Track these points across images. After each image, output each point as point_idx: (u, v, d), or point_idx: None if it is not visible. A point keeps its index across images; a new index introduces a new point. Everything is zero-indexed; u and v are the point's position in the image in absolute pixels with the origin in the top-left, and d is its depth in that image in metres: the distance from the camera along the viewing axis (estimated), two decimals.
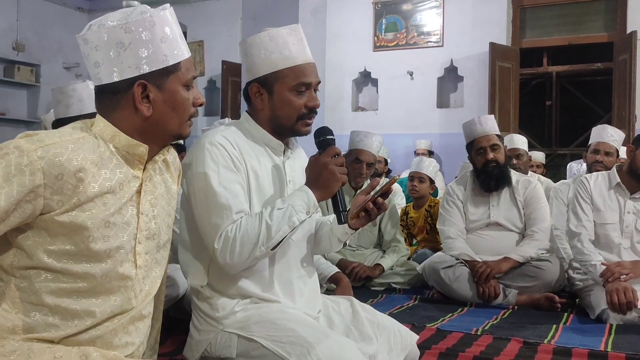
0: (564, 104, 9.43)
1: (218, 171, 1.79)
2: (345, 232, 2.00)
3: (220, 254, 1.75)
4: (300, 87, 1.89)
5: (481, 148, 3.65)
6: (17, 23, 8.92)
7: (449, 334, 2.78)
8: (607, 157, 4.09)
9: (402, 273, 4.01)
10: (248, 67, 1.94)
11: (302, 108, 1.90)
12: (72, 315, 1.39)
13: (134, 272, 1.47)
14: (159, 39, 1.43)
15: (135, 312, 1.49)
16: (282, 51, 1.88)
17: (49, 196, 1.32)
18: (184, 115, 1.51)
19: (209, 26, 9.20)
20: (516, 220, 3.69)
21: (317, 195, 1.83)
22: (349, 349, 1.74)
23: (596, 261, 3.19)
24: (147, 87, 1.43)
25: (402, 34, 8.47)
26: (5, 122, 8.83)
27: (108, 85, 1.43)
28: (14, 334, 1.37)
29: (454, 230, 3.71)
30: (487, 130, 3.66)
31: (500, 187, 3.68)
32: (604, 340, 2.74)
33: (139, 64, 1.41)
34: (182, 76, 1.48)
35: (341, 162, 1.85)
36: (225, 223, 1.76)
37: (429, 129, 8.23)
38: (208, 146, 1.82)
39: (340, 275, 3.26)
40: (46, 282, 1.37)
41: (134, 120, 1.45)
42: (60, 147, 1.34)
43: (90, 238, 1.37)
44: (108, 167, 1.41)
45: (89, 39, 1.43)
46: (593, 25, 7.87)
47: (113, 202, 1.41)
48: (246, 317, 1.83)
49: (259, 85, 1.91)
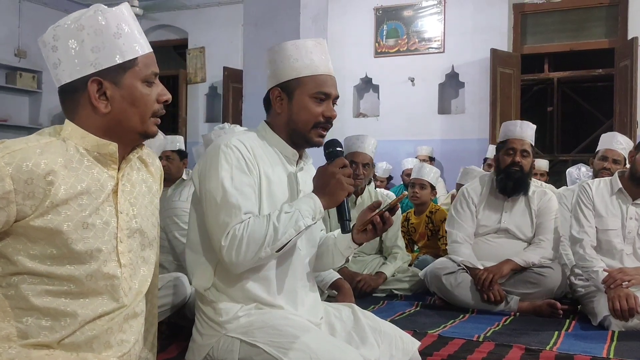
0: (566, 110, 9.42)
1: (231, 172, 1.83)
2: (349, 247, 2.03)
3: (226, 252, 1.77)
4: (319, 95, 1.95)
5: (512, 149, 3.64)
6: (19, 29, 8.93)
7: (450, 340, 2.77)
8: (615, 165, 4.07)
9: (404, 279, 4.00)
10: (271, 73, 2.00)
11: (319, 116, 1.95)
12: (63, 315, 1.39)
13: (119, 271, 1.47)
14: (113, 35, 1.43)
15: (129, 310, 1.50)
16: (305, 60, 1.94)
17: (21, 201, 1.33)
18: (146, 111, 1.49)
19: (211, 32, 9.21)
20: (527, 229, 3.67)
21: (324, 202, 1.87)
22: (351, 356, 1.74)
23: (598, 267, 3.19)
24: (102, 84, 1.43)
25: (403, 40, 8.47)
26: (7, 128, 8.82)
27: (67, 85, 1.44)
28: (9, 342, 1.37)
29: (462, 235, 3.70)
30: (524, 135, 3.65)
31: (517, 192, 3.66)
32: (606, 347, 2.73)
33: (94, 61, 1.42)
34: (140, 72, 1.47)
35: (349, 172, 1.90)
36: (234, 222, 1.78)
37: (430, 135, 8.22)
38: (224, 148, 1.86)
39: (342, 281, 3.26)
40: (32, 285, 1.38)
41: (95, 119, 1.45)
42: (27, 152, 1.34)
43: (69, 240, 1.37)
44: (79, 169, 1.41)
45: (46, 40, 1.45)
46: (594, 31, 7.87)
47: (88, 203, 1.41)
48: (249, 322, 1.84)
49: (281, 89, 1.96)
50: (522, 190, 3.66)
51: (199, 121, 9.47)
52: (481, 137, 7.81)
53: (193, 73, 9.48)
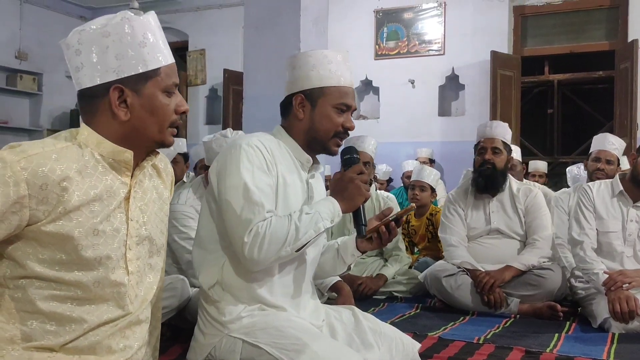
0: (566, 112, 9.43)
1: (253, 171, 1.84)
2: (352, 255, 2.06)
3: (249, 248, 1.78)
4: (342, 106, 2.00)
5: (483, 148, 3.72)
6: (20, 32, 8.95)
7: (450, 342, 2.77)
8: (608, 165, 4.09)
9: (404, 282, 4.00)
10: (293, 79, 2.03)
11: (339, 126, 2.01)
12: (68, 320, 1.39)
13: (127, 279, 1.47)
14: (138, 44, 1.43)
15: (133, 317, 1.50)
16: (332, 70, 2.00)
17: (35, 206, 1.33)
18: (164, 121, 1.50)
19: (211, 35, 9.22)
20: (517, 227, 3.69)
21: (342, 206, 1.90)
22: (352, 359, 1.75)
23: (598, 270, 3.19)
24: (124, 92, 1.43)
25: (403, 42, 8.48)
26: (7, 130, 8.84)
27: (87, 90, 1.44)
28: (13, 344, 1.37)
29: (455, 238, 3.72)
30: (494, 134, 3.71)
31: (491, 189, 3.70)
32: (606, 349, 2.73)
33: (117, 68, 1.42)
34: (162, 81, 1.47)
35: (365, 179, 1.94)
36: (257, 219, 1.79)
37: (431, 137, 8.23)
38: (245, 147, 1.87)
39: (342, 284, 3.26)
40: (39, 289, 1.38)
41: (112, 126, 1.45)
42: (44, 157, 1.34)
43: (79, 247, 1.37)
44: (93, 175, 1.41)
45: (70, 43, 1.44)
46: (594, 33, 7.88)
47: (100, 210, 1.41)
48: (252, 322, 1.85)
49: (304, 96, 1.99)
50: (495, 186, 3.70)
51: (199, 123, 9.47)
52: None
53: (193, 75, 9.49)
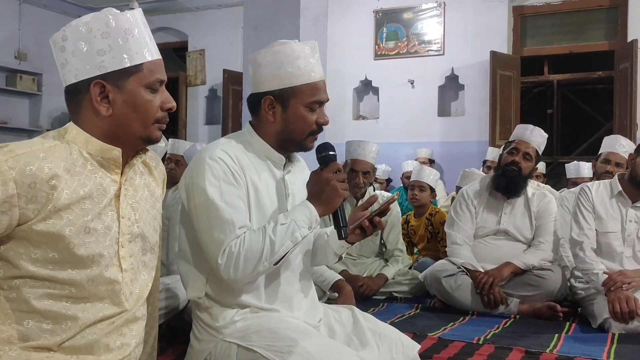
0: (565, 113, 9.43)
1: (219, 186, 1.78)
2: (342, 246, 2.00)
3: (224, 269, 1.75)
4: (314, 104, 1.90)
5: (515, 149, 3.64)
6: (19, 32, 8.94)
7: (450, 343, 2.77)
8: (617, 168, 4.06)
9: (404, 282, 4.00)
10: (259, 78, 1.92)
11: (313, 124, 1.91)
12: (64, 318, 1.39)
13: (120, 276, 1.47)
14: (120, 40, 1.43)
15: (129, 314, 1.50)
16: (301, 67, 1.88)
17: (24, 205, 1.32)
18: (147, 117, 1.48)
19: (210, 35, 9.22)
20: (526, 231, 3.66)
21: (319, 210, 1.83)
22: (349, 359, 1.74)
23: (598, 270, 3.18)
24: (105, 87, 1.43)
25: (403, 42, 8.48)
26: (7, 131, 8.82)
27: (72, 86, 1.45)
28: (10, 345, 1.37)
29: (461, 236, 3.70)
30: (531, 139, 3.64)
31: (509, 192, 3.66)
32: (606, 349, 2.73)
33: (99, 64, 1.42)
34: (145, 77, 1.46)
35: (342, 177, 1.85)
36: (229, 238, 1.75)
37: (430, 138, 8.23)
38: (209, 161, 1.81)
39: (343, 283, 3.26)
40: (34, 288, 1.38)
41: (96, 122, 1.45)
42: (31, 156, 1.34)
43: (71, 245, 1.37)
44: (82, 173, 1.41)
45: (55, 40, 1.46)
46: (594, 33, 7.88)
47: (91, 208, 1.41)
48: (246, 326, 1.83)
49: (273, 98, 1.89)
50: (515, 190, 3.65)
51: (199, 123, 9.47)
52: (481, 139, 7.81)
53: (193, 75, 9.49)
